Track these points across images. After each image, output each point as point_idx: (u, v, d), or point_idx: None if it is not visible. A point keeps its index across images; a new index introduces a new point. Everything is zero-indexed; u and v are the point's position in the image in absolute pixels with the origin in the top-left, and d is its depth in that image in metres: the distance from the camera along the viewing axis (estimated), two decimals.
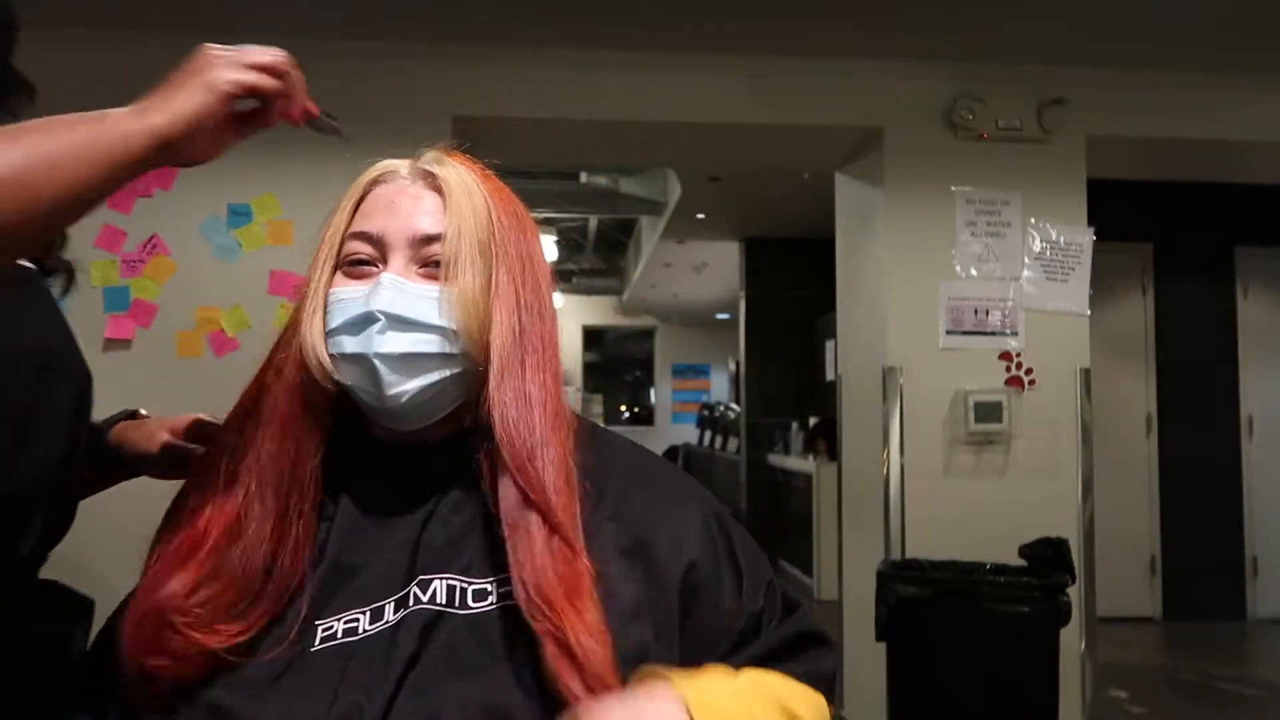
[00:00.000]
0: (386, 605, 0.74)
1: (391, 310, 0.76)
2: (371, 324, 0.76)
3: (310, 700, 0.69)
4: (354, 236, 0.81)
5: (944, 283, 3.07)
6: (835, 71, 3.10)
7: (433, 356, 0.77)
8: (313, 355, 0.78)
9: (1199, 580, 5.33)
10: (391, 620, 0.73)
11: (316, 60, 3.30)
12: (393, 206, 0.81)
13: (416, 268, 0.79)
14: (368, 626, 0.73)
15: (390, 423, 0.80)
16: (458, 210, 0.80)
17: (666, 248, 8.00)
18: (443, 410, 0.80)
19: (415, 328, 0.77)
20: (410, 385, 0.77)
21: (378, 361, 0.76)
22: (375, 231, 0.80)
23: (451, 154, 0.85)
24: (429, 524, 0.78)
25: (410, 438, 0.81)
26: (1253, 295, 5.52)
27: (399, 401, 0.77)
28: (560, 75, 2.99)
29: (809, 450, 6.43)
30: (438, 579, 0.74)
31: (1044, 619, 2.49)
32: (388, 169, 0.84)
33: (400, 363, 0.76)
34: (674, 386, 13.36)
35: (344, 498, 0.80)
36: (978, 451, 3.05)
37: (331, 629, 0.73)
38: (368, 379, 0.77)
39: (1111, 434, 4.93)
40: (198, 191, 2.80)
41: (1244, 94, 3.23)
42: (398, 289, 0.77)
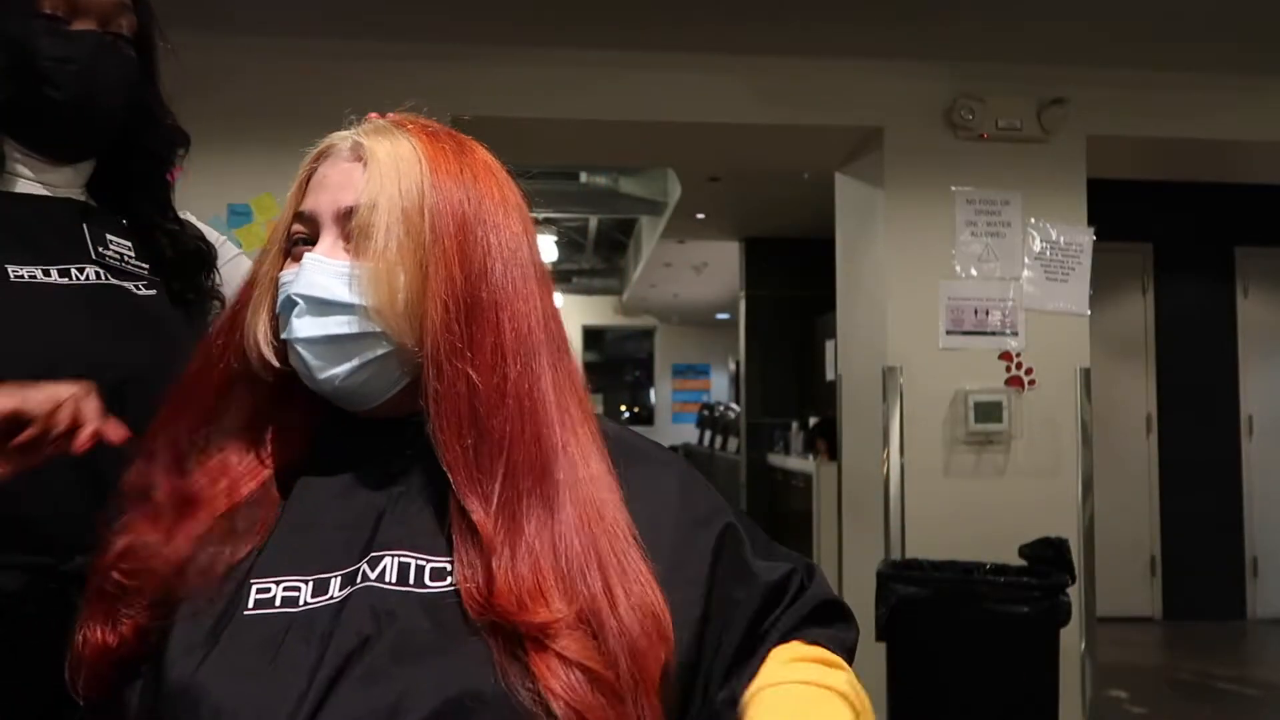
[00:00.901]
0: (332, 579, 0.70)
1: (309, 293, 0.73)
2: (292, 308, 0.74)
3: (249, 673, 0.66)
4: (295, 217, 0.78)
5: (944, 283, 3.07)
6: (835, 71, 3.10)
7: (354, 338, 0.73)
8: (253, 348, 0.77)
9: (1199, 580, 5.33)
10: (337, 597, 0.69)
11: (316, 60, 3.32)
12: (324, 180, 0.77)
13: (344, 244, 0.75)
14: (309, 599, 0.69)
15: (339, 404, 0.77)
16: (377, 179, 0.74)
17: (666, 248, 8.00)
18: (388, 390, 0.76)
19: (331, 309, 0.73)
20: (339, 369, 0.73)
21: (300, 347, 0.73)
22: (308, 209, 0.77)
23: (409, 120, 0.80)
24: (388, 499, 0.74)
25: (375, 414, 0.77)
26: (1253, 295, 5.52)
27: (332, 385, 0.74)
28: (560, 75, 2.99)
29: (809, 450, 6.43)
30: (389, 555, 0.70)
31: (1044, 619, 2.50)
32: (329, 143, 0.80)
33: (324, 347, 0.73)
34: (674, 386, 13.36)
35: (310, 467, 0.78)
36: (978, 451, 3.06)
37: (269, 593, 0.70)
38: (300, 364, 0.74)
39: (1111, 434, 4.93)
40: (198, 191, 2.79)
41: (1244, 94, 3.23)
42: (318, 268, 0.74)
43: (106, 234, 1.10)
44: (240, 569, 0.72)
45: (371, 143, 0.77)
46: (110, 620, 0.73)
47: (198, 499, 0.76)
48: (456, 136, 0.81)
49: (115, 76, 1.07)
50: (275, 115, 2.84)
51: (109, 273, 1.07)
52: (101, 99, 1.06)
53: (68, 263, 1.04)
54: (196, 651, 0.68)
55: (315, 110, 2.87)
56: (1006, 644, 2.51)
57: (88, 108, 1.05)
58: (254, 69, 2.86)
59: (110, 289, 1.06)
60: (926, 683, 2.60)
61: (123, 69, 1.08)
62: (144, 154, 1.16)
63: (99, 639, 0.73)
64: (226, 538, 0.74)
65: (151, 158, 1.17)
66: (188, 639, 0.69)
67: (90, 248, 1.07)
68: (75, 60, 1.03)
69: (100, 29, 1.06)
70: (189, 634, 0.69)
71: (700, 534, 0.76)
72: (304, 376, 0.75)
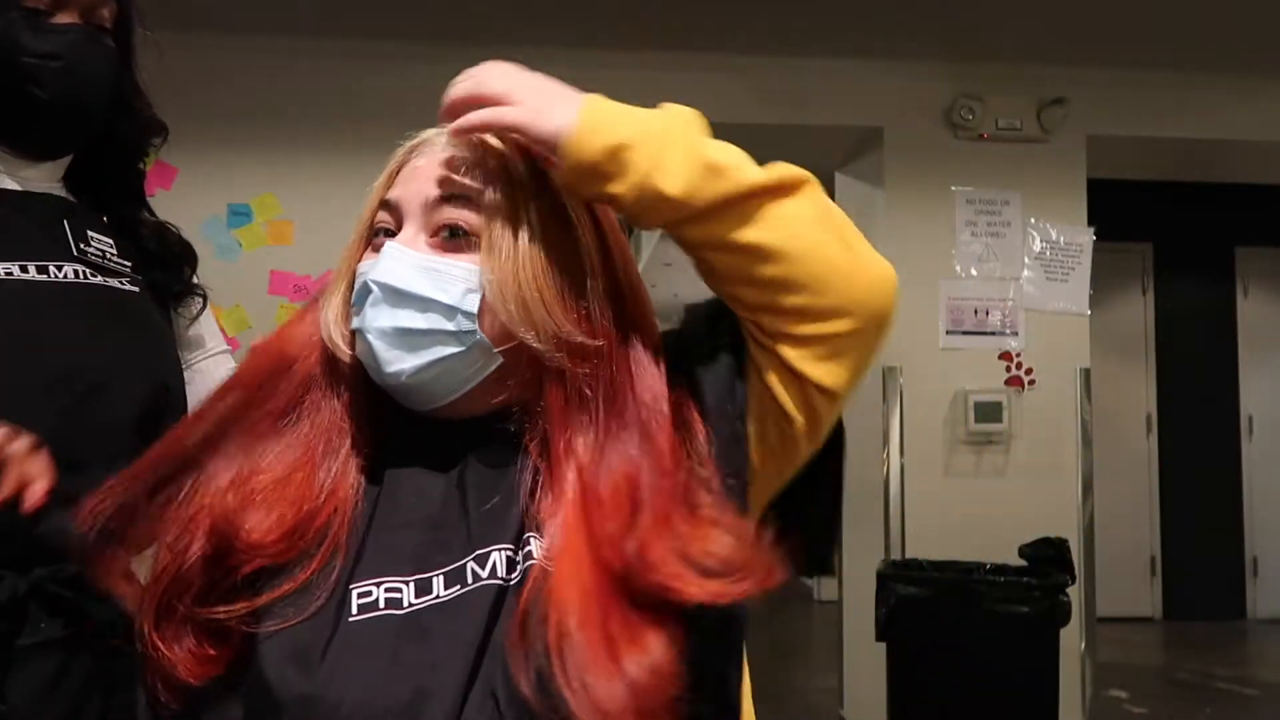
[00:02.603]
0: (434, 579, 0.68)
1: (387, 281, 0.71)
2: (367, 295, 0.71)
3: (365, 681, 0.64)
4: (381, 206, 0.76)
5: (944, 282, 3.07)
6: (835, 71, 3.10)
7: (426, 334, 0.71)
8: (326, 331, 0.75)
9: (1199, 580, 5.33)
10: (444, 595, 0.67)
11: (317, 60, 3.32)
12: (413, 170, 0.75)
13: (427, 236, 0.73)
14: (413, 599, 0.67)
15: (401, 400, 0.75)
16: (499, 168, 0.73)
17: (667, 248, 8.00)
18: (456, 390, 0.73)
19: (407, 301, 0.71)
20: (407, 364, 0.71)
21: (371, 337, 0.71)
22: (393, 198, 0.75)
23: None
24: (466, 496, 0.72)
25: (444, 414, 0.75)
26: (1253, 295, 5.52)
27: (398, 379, 0.71)
28: (560, 75, 2.97)
29: None
30: (496, 551, 0.68)
31: (1044, 619, 2.49)
32: (424, 138, 0.78)
33: (396, 338, 0.71)
34: None
35: (387, 470, 0.75)
36: (978, 451, 3.06)
37: (371, 595, 0.67)
38: (367, 354, 0.72)
39: (1111, 434, 4.93)
40: (198, 191, 2.80)
41: (1244, 94, 3.23)
42: (398, 258, 0.72)
43: (88, 230, 1.07)
44: (326, 573, 0.69)
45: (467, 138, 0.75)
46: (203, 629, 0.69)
47: (276, 494, 0.72)
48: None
49: (100, 72, 1.04)
50: (275, 115, 2.84)
51: (91, 270, 1.04)
52: (87, 96, 1.03)
53: (47, 259, 1.01)
54: (308, 662, 0.65)
55: (315, 110, 2.89)
56: (1006, 644, 2.51)
57: (74, 106, 1.02)
58: (254, 69, 2.86)
59: (92, 287, 1.04)
60: (927, 683, 2.60)
61: (107, 63, 1.04)
62: (120, 145, 1.13)
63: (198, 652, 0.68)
64: (308, 540, 0.70)
65: (127, 149, 1.14)
66: (289, 650, 0.66)
67: (72, 244, 1.03)
68: (60, 57, 0.99)
69: (83, 21, 1.02)
70: (289, 644, 0.66)
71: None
72: (370, 369, 0.73)
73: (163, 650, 0.69)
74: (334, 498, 0.73)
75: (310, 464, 0.73)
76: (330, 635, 0.66)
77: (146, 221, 1.15)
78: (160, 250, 1.13)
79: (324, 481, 0.73)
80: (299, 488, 0.72)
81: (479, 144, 0.75)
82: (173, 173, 2.79)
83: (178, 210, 1.25)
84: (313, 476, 0.73)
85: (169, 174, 2.79)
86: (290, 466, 0.73)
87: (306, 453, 0.74)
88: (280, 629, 0.67)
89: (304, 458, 0.74)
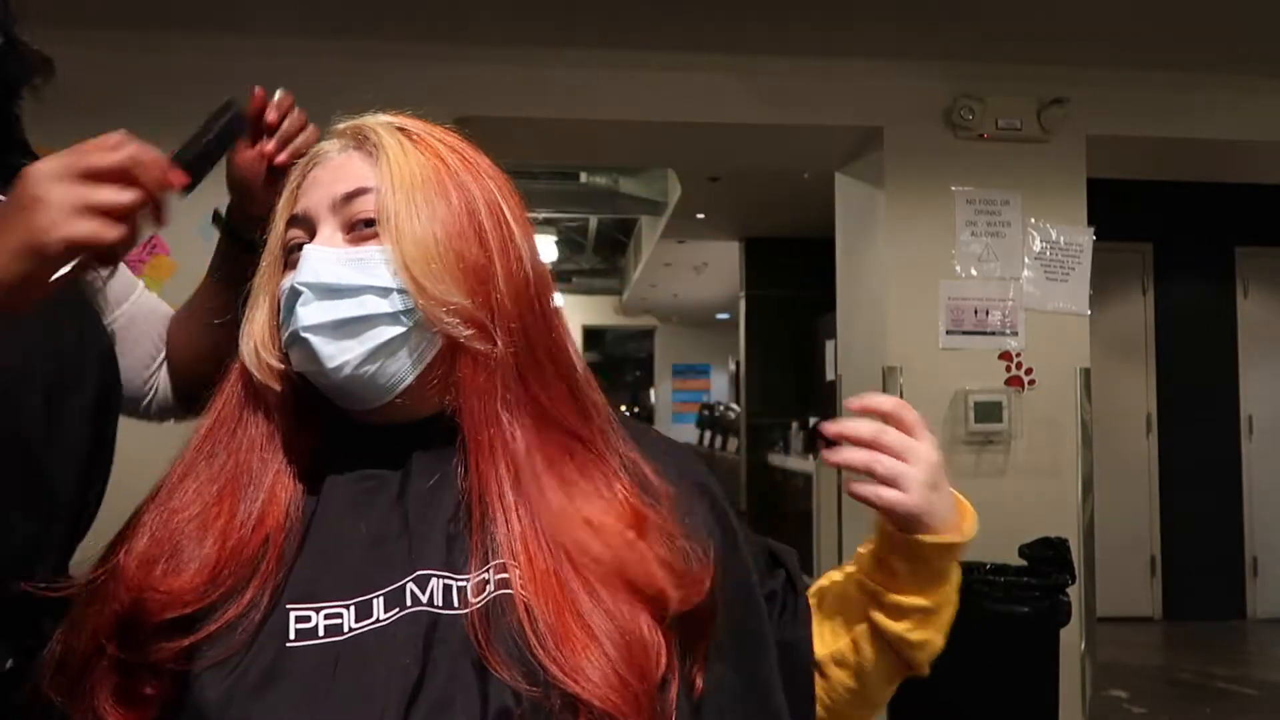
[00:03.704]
0: (375, 600, 0.67)
1: (315, 280, 0.71)
2: (295, 299, 0.71)
3: (311, 708, 0.63)
4: (290, 224, 0.76)
5: (944, 283, 3.07)
6: (835, 71, 3.10)
7: (366, 320, 0.71)
8: (251, 356, 0.75)
9: (1199, 580, 5.33)
10: (384, 619, 0.66)
11: (317, 60, 3.32)
12: (315, 180, 0.76)
13: (344, 234, 0.73)
14: (353, 624, 0.66)
15: (347, 404, 0.74)
16: (391, 157, 0.74)
17: (666, 248, 8.00)
18: (399, 381, 0.73)
19: (341, 294, 0.71)
20: (352, 355, 0.71)
21: (308, 335, 0.70)
22: (300, 210, 0.75)
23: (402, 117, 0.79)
24: (408, 511, 0.71)
25: (385, 417, 0.74)
26: (1253, 295, 5.52)
27: (342, 374, 0.71)
28: (560, 75, 2.99)
29: (809, 450, 6.43)
30: (434, 576, 0.68)
31: (1044, 619, 2.50)
32: (318, 150, 0.79)
33: (335, 330, 0.71)
34: (674, 386, 13.37)
35: (324, 484, 0.74)
36: (978, 451, 3.06)
37: (310, 621, 0.66)
38: (307, 359, 0.71)
39: (1111, 434, 4.93)
40: (198, 191, 2.79)
41: (1244, 94, 3.23)
42: (321, 257, 0.72)
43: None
44: (258, 604, 0.68)
45: (364, 126, 0.76)
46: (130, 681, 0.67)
47: (197, 534, 0.70)
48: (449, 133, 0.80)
49: None
50: None
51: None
52: None
53: None
54: (244, 693, 0.64)
55: (315, 110, 2.88)
56: (1006, 644, 2.51)
57: None
58: (255, 69, 2.85)
59: None
60: (926, 682, 2.60)
61: None
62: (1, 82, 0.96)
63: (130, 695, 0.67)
64: (240, 573, 0.69)
65: (7, 86, 0.97)
66: (226, 680, 0.64)
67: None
68: None
69: None
70: (226, 675, 0.65)
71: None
72: (310, 373, 0.72)
73: (89, 700, 0.68)
74: (263, 525, 0.71)
75: (233, 495, 0.72)
76: (269, 665, 0.65)
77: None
78: None
79: (250, 511, 0.72)
80: (223, 521, 0.71)
81: (367, 133, 0.76)
82: None
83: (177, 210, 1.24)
84: (235, 508, 0.71)
85: None
86: (208, 501, 0.72)
87: (228, 484, 0.73)
88: (216, 663, 0.65)
89: (226, 489, 0.73)
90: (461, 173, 0.75)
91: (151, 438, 1.14)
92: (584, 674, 0.63)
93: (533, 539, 0.69)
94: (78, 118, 1.25)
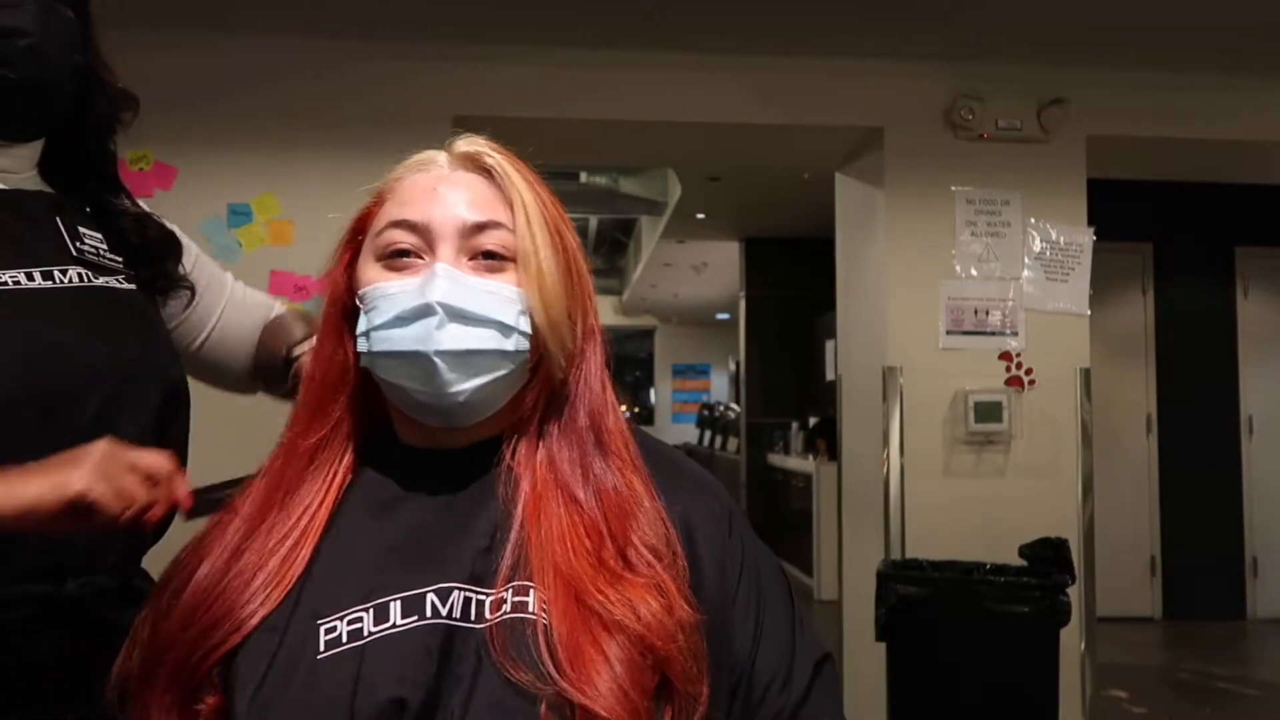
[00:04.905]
0: (392, 604, 0.69)
1: (452, 303, 0.72)
2: (427, 317, 0.71)
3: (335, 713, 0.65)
4: (394, 225, 0.75)
5: (944, 283, 3.07)
6: (835, 71, 3.10)
7: (493, 354, 0.73)
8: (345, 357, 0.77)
9: (1199, 580, 5.33)
10: (401, 625, 0.68)
11: (317, 60, 3.31)
12: (434, 194, 0.76)
13: (466, 259, 0.75)
14: (372, 628, 0.68)
15: (438, 421, 0.75)
16: (524, 199, 0.76)
17: (666, 248, 8.00)
18: (492, 409, 0.76)
19: (476, 323, 0.72)
20: (469, 384, 0.73)
21: (438, 359, 0.71)
22: (419, 219, 0.75)
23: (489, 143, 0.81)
24: (452, 530, 0.73)
25: (438, 440, 0.77)
26: (1253, 295, 5.52)
27: (457, 400, 0.73)
28: (560, 75, 2.99)
29: (809, 450, 6.43)
30: (458, 589, 0.69)
31: (1044, 619, 2.49)
32: (425, 158, 0.80)
33: (459, 360, 0.72)
34: (674, 386, 13.37)
35: (362, 501, 0.77)
36: (978, 451, 3.05)
37: (335, 631, 0.69)
38: (422, 377, 0.72)
39: (1111, 434, 4.94)
40: (198, 191, 2.80)
41: (1244, 94, 3.23)
42: (454, 280, 0.72)
43: (79, 227, 1.03)
44: (285, 607, 0.71)
45: (489, 158, 0.78)
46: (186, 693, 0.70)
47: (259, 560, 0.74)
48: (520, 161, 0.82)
49: (64, 44, 0.98)
50: (276, 115, 2.84)
51: (91, 270, 1.01)
52: (54, 71, 0.97)
53: (50, 264, 0.97)
54: (276, 705, 0.66)
55: (315, 110, 2.88)
56: (1006, 644, 2.51)
57: (44, 82, 0.97)
58: (255, 69, 2.86)
59: (96, 290, 1.00)
60: (926, 683, 2.60)
61: (69, 33, 0.99)
62: (93, 122, 1.07)
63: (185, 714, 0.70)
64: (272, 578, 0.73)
65: (100, 125, 1.08)
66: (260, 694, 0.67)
67: (69, 245, 1.00)
68: (26, 33, 0.94)
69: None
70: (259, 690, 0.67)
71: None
72: (413, 390, 0.73)
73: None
74: (301, 544, 0.74)
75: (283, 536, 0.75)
76: (295, 672, 0.67)
77: (128, 211, 1.10)
78: (143, 243, 1.09)
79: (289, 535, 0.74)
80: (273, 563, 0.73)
81: (494, 169, 0.78)
82: (173, 173, 2.79)
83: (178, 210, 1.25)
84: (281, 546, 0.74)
85: (169, 174, 2.79)
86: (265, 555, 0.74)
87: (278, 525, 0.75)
88: (253, 677, 0.68)
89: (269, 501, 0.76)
90: (560, 219, 0.78)
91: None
92: (594, 686, 0.64)
93: (563, 561, 0.70)
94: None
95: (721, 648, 0.73)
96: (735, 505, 0.82)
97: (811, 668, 0.78)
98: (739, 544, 0.78)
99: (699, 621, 0.70)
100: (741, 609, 0.75)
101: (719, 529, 0.77)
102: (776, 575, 0.80)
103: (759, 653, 0.75)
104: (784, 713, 0.75)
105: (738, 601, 0.75)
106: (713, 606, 0.72)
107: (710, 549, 0.75)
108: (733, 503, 0.82)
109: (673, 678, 0.68)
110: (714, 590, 0.74)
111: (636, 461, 0.78)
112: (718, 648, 0.72)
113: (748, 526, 0.81)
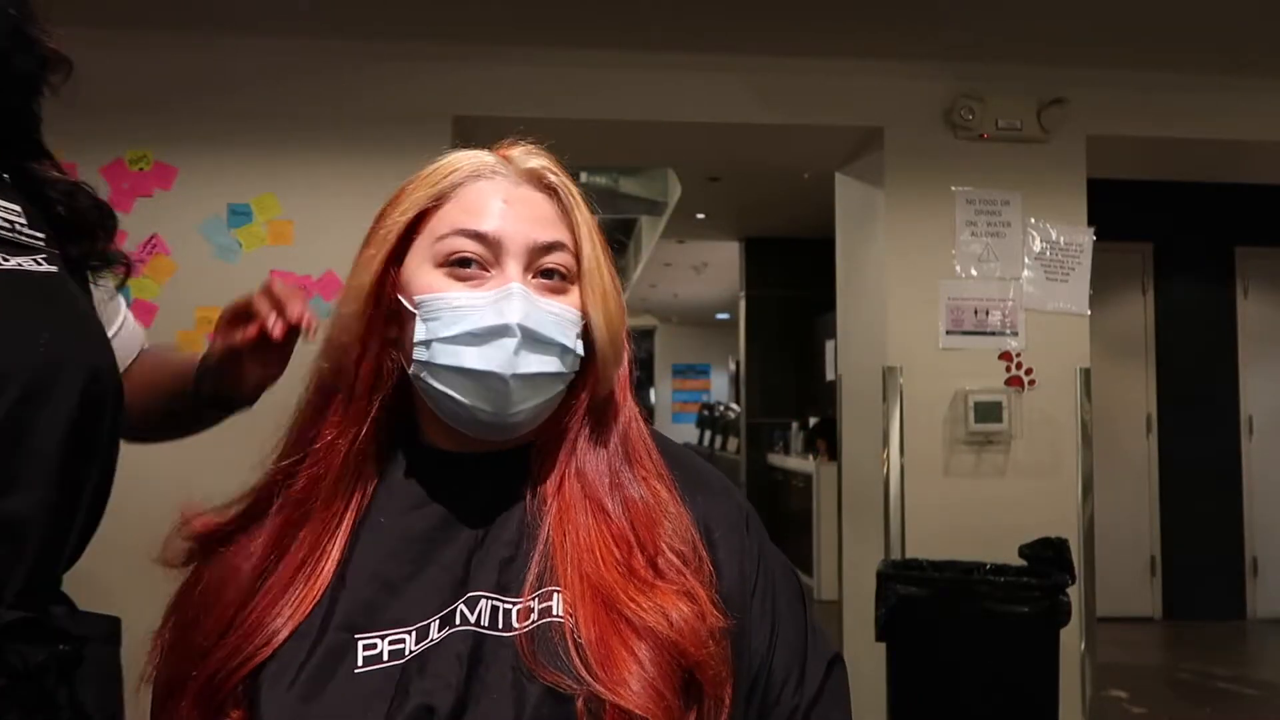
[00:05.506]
0: (432, 623, 0.69)
1: (527, 325, 0.71)
2: (504, 338, 0.71)
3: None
4: (462, 234, 0.73)
5: (944, 283, 3.07)
6: (835, 71, 3.10)
7: (555, 376, 0.74)
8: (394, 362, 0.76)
9: (1199, 580, 5.33)
10: (436, 638, 0.69)
11: (317, 60, 3.31)
12: (504, 208, 0.74)
13: (532, 277, 0.74)
14: (414, 647, 0.68)
15: (486, 435, 0.75)
16: (583, 217, 0.77)
17: (666, 248, 8.00)
18: (534, 425, 0.76)
19: (545, 346, 0.72)
20: (528, 404, 0.73)
21: (513, 382, 0.71)
22: (490, 232, 0.73)
23: (548, 156, 0.80)
24: (480, 538, 0.73)
25: (467, 445, 0.76)
26: (1253, 295, 5.52)
27: (516, 420, 0.73)
28: (560, 75, 2.99)
29: (809, 450, 6.43)
30: (485, 598, 0.70)
31: (1044, 619, 2.49)
32: (484, 163, 0.77)
33: (528, 382, 0.72)
34: (674, 386, 13.37)
35: (388, 507, 0.76)
36: (978, 451, 3.05)
37: (376, 649, 0.68)
38: (492, 398, 0.71)
39: (1111, 434, 4.93)
40: (198, 191, 2.80)
41: (1244, 94, 3.23)
42: (529, 302, 0.72)
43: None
44: (315, 617, 0.70)
45: (555, 177, 0.78)
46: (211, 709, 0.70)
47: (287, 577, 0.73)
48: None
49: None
50: (276, 115, 2.84)
51: (3, 251, 0.86)
52: None
53: None
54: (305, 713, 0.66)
55: (315, 110, 2.88)
56: (1006, 644, 2.51)
57: None
58: (255, 69, 2.86)
59: (7, 274, 0.85)
60: (926, 683, 2.60)
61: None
62: (17, 82, 0.93)
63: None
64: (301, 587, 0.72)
65: (23, 86, 0.93)
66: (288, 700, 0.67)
67: None
68: None
69: None
70: (287, 695, 0.67)
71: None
72: (479, 408, 0.72)
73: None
74: (326, 556, 0.73)
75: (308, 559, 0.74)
76: (334, 684, 0.67)
77: (57, 182, 0.96)
78: (71, 217, 0.95)
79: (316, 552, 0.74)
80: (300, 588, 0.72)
81: (558, 189, 0.78)
82: (173, 173, 2.79)
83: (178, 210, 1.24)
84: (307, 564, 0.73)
85: (169, 174, 2.79)
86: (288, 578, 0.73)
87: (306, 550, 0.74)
88: (281, 682, 0.68)
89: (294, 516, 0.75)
90: (604, 236, 0.79)
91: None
92: (626, 685, 0.65)
93: (592, 570, 0.70)
94: (78, 119, 1.25)
95: (742, 648, 0.73)
96: (750, 506, 0.82)
97: (824, 666, 0.78)
98: (755, 545, 0.79)
99: (727, 627, 0.70)
100: (759, 609, 0.76)
101: (737, 530, 0.78)
102: (789, 575, 0.81)
103: (775, 652, 0.75)
104: (798, 711, 0.75)
105: (755, 602, 0.76)
106: (734, 608, 0.73)
107: (730, 551, 0.76)
108: (748, 504, 0.82)
109: (704, 682, 0.68)
110: (735, 592, 0.74)
111: (660, 468, 0.78)
112: (739, 649, 0.72)
113: (762, 527, 0.82)
